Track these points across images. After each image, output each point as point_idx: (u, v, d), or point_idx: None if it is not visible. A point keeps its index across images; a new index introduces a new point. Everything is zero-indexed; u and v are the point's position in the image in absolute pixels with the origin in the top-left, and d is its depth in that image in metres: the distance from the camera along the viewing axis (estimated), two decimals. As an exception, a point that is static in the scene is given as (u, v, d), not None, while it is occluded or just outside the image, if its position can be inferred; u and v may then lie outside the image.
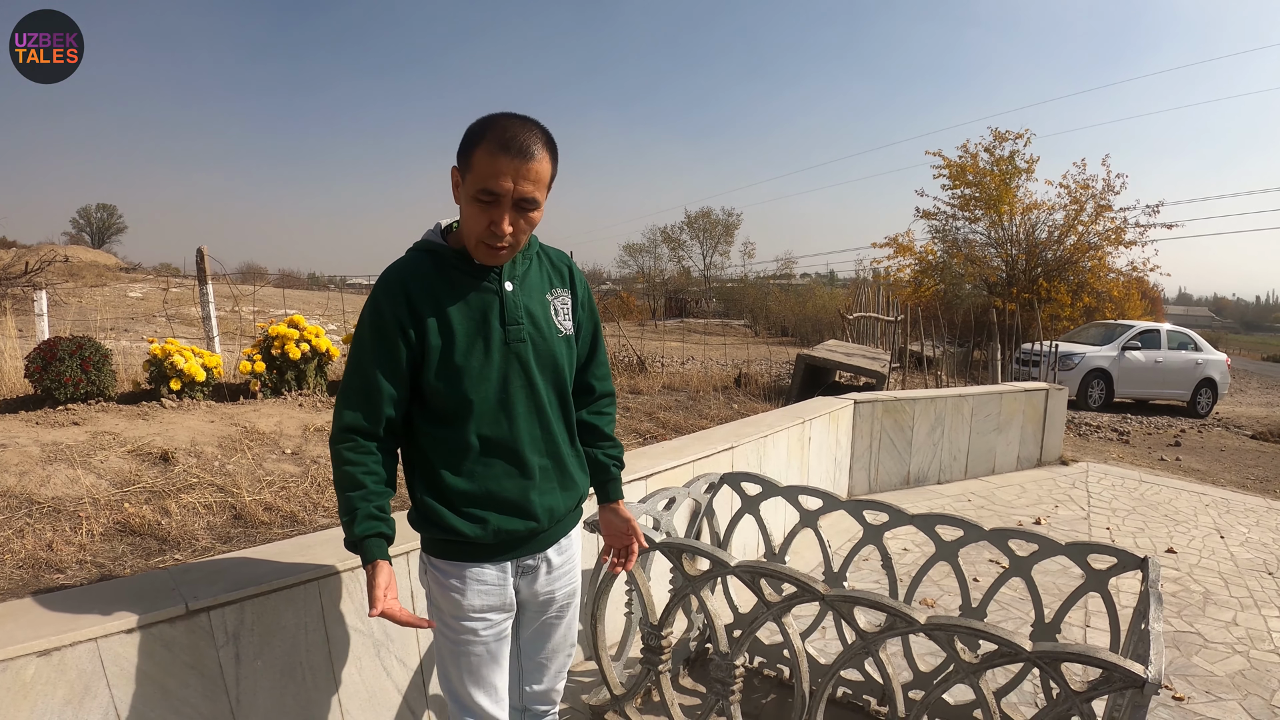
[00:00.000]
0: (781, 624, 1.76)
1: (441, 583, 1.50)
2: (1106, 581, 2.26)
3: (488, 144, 1.33)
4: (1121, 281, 18.19)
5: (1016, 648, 1.52)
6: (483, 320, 1.44)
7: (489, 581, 1.50)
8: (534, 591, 1.58)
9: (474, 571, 1.49)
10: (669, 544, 1.91)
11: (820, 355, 7.85)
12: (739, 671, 1.83)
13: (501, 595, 1.53)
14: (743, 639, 1.82)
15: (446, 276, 1.44)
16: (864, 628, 1.67)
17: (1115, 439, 8.94)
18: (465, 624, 1.50)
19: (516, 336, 1.46)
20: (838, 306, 18.52)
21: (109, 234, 55.02)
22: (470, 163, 1.34)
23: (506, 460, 1.48)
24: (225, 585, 1.81)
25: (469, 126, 1.38)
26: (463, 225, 1.42)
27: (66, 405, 3.58)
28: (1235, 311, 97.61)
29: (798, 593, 1.71)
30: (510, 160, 1.33)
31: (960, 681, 1.62)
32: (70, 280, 14.42)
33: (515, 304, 1.48)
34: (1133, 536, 4.70)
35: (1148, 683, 1.40)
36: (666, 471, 3.22)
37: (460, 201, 1.40)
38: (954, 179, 18.88)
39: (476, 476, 1.46)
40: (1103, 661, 1.46)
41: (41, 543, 2.39)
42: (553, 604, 1.62)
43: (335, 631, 2.00)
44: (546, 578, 1.59)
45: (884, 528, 2.49)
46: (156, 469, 3.00)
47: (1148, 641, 1.57)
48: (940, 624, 1.57)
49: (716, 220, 48.64)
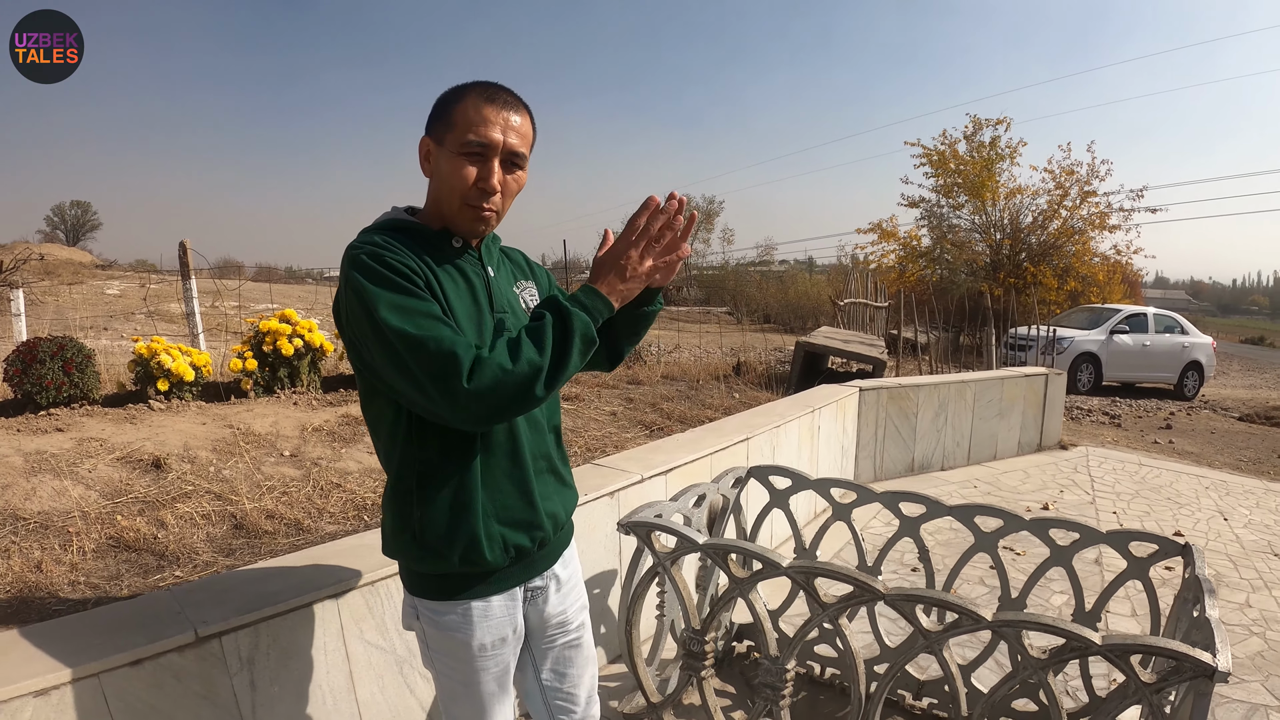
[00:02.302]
0: (838, 625, 1.67)
1: (439, 625, 1.30)
2: (1148, 569, 2.24)
3: (473, 98, 1.23)
4: (1105, 265, 18.34)
5: (1087, 641, 1.47)
6: (474, 304, 1.27)
7: (495, 615, 1.31)
8: (545, 616, 1.41)
9: (478, 606, 1.29)
10: (714, 545, 1.80)
11: (820, 343, 7.78)
12: (790, 675, 1.73)
13: (511, 624, 1.35)
14: (795, 642, 1.72)
15: (432, 255, 1.24)
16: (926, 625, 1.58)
17: (1107, 422, 8.97)
18: (472, 664, 1.32)
19: (508, 325, 1.29)
20: (829, 294, 18.48)
21: (84, 231, 54.15)
22: (452, 119, 1.22)
23: (512, 464, 1.30)
24: (236, 606, 1.67)
25: (440, 96, 1.27)
26: (442, 190, 1.26)
27: (49, 410, 3.41)
28: (1212, 295, 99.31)
29: (856, 592, 1.62)
30: (499, 111, 1.23)
31: (1028, 679, 1.56)
32: (46, 279, 14.00)
33: (499, 290, 1.33)
34: (1139, 520, 4.67)
35: (1217, 671, 1.37)
36: (685, 465, 3.13)
37: (436, 167, 1.25)
38: (935, 167, 18.92)
39: (482, 484, 1.26)
40: (1174, 652, 1.42)
41: (30, 563, 2.23)
42: (567, 625, 1.45)
43: (355, 649, 1.88)
44: (557, 596, 1.42)
45: (920, 520, 2.41)
46: (149, 477, 2.85)
47: (1207, 629, 1.53)
48: (1008, 620, 1.50)
49: (696, 208, 48.44)
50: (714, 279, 37.36)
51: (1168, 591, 2.73)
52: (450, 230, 1.28)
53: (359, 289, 1.13)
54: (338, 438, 3.49)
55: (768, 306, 26.06)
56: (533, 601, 1.38)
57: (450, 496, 1.24)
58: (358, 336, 1.18)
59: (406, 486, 1.26)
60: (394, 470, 1.27)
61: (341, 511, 2.77)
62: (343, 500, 2.85)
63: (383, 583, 1.91)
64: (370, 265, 1.14)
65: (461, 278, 1.27)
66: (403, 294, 1.13)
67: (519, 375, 1.11)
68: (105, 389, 3.93)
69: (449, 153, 1.22)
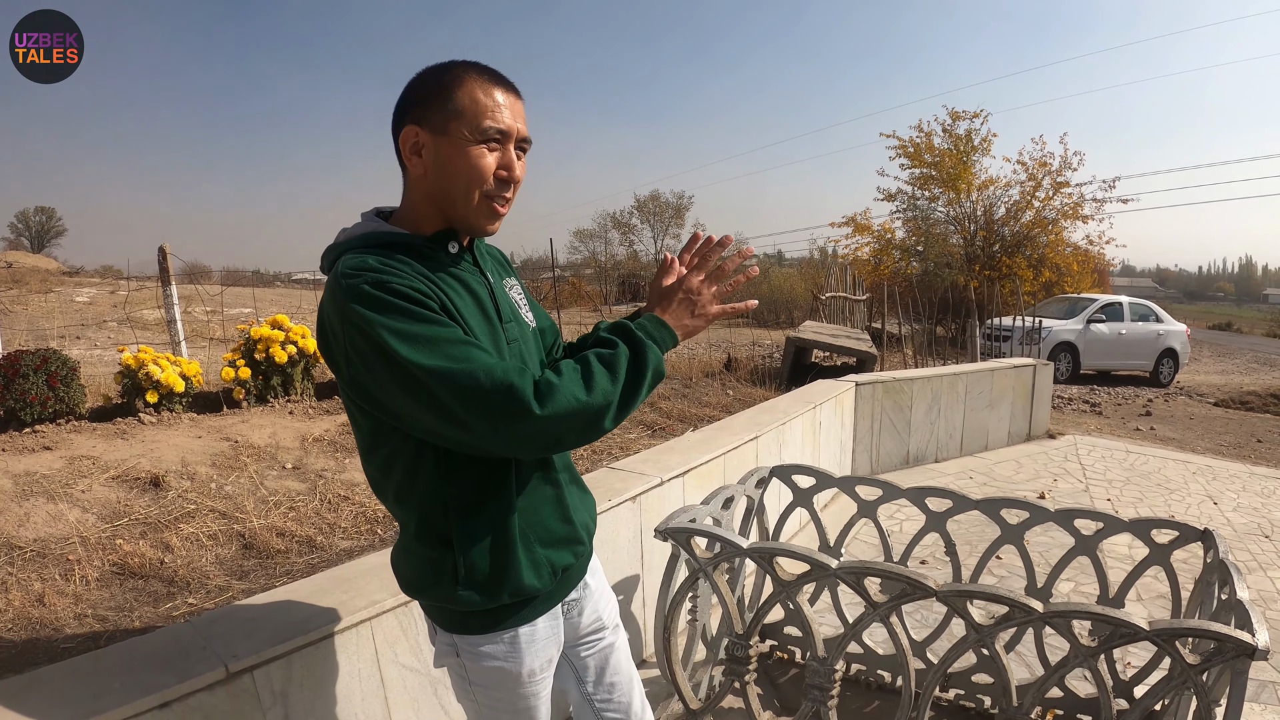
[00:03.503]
0: (889, 623, 1.66)
1: (483, 658, 1.20)
2: (1169, 555, 2.29)
3: (477, 79, 1.10)
4: (1079, 255, 18.65)
5: (1136, 628, 1.52)
6: (485, 318, 1.16)
7: (541, 638, 1.24)
8: (581, 625, 1.35)
9: (525, 633, 1.21)
10: (760, 548, 1.77)
11: (809, 338, 7.81)
12: (837, 676, 1.71)
13: (556, 643, 1.29)
14: (843, 642, 1.70)
15: (433, 269, 1.11)
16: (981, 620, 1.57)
17: (1089, 410, 9.11)
18: (521, 691, 1.24)
19: (512, 335, 1.20)
20: (803, 288, 18.58)
21: (49, 237, 52.71)
22: (457, 105, 1.08)
23: (542, 481, 1.22)
24: (266, 638, 1.57)
25: (422, 78, 1.12)
26: (452, 185, 1.11)
27: (34, 427, 3.27)
28: (1178, 282, 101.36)
29: (907, 590, 1.60)
30: (507, 93, 1.12)
31: (1079, 666, 1.59)
32: (15, 287, 13.56)
33: (503, 298, 1.23)
34: (1133, 506, 4.74)
35: (1258, 650, 1.42)
36: (700, 466, 3.09)
37: (438, 160, 1.10)
38: (911, 158, 19.08)
39: (520, 510, 1.17)
40: (1217, 634, 1.47)
41: (31, 597, 2.09)
42: (603, 628, 1.39)
43: (390, 674, 1.81)
44: (591, 604, 1.36)
45: (947, 514, 2.43)
46: (147, 496, 2.74)
47: (1242, 610, 1.59)
48: (1060, 611, 1.53)
49: (666, 203, 48.61)
50: (686, 274, 37.40)
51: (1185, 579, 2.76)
52: (450, 231, 1.16)
53: (364, 325, 0.99)
54: (339, 448, 3.39)
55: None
56: (569, 615, 1.33)
57: (491, 532, 1.15)
58: (363, 376, 1.04)
59: (438, 529, 1.15)
60: (417, 512, 1.15)
61: (354, 525, 2.68)
62: (353, 513, 2.77)
63: (414, 604, 1.84)
64: (375, 296, 1.00)
65: (466, 290, 1.15)
66: (422, 323, 1.00)
67: (594, 407, 1.04)
68: (91, 402, 3.79)
69: (458, 141, 1.09)
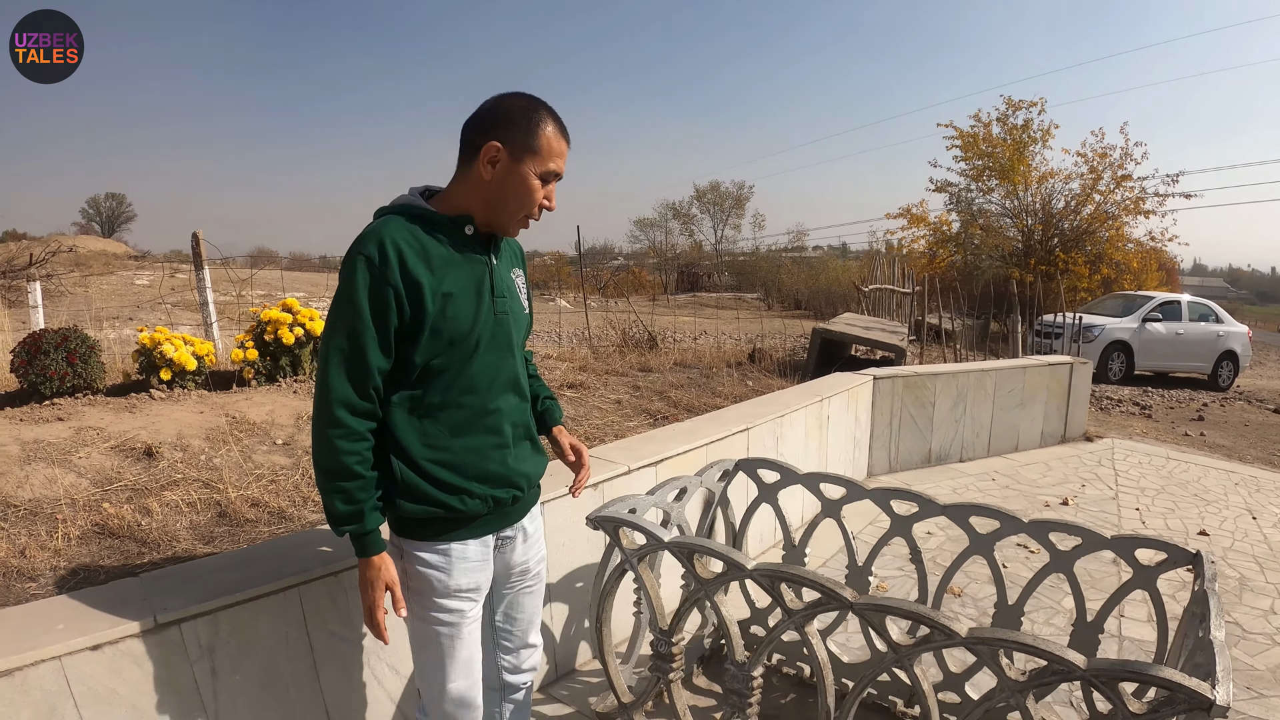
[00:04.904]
0: (804, 632, 1.58)
1: (420, 564, 1.45)
2: (1155, 579, 2.05)
3: (552, 127, 1.41)
4: (1140, 252, 17.80)
5: (1069, 665, 1.34)
6: (476, 290, 1.43)
7: (473, 558, 1.48)
8: (509, 563, 1.59)
9: (457, 549, 1.46)
10: (679, 543, 1.74)
11: (837, 329, 7.62)
12: (757, 682, 1.66)
13: (485, 570, 1.52)
14: (761, 648, 1.65)
15: (440, 243, 1.40)
16: (897, 638, 1.49)
17: (1137, 413, 8.70)
18: (451, 604, 1.47)
19: (502, 309, 1.47)
20: (852, 279, 18.16)
21: (119, 223, 55.04)
22: (538, 144, 1.38)
23: (491, 430, 1.48)
24: (198, 594, 1.68)
25: (510, 109, 1.40)
26: (506, 198, 1.41)
27: (53, 400, 3.44)
28: (1250, 282, 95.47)
29: (822, 600, 1.53)
30: (565, 144, 1.43)
31: (1004, 701, 1.44)
32: (76, 270, 14.33)
33: (501, 277, 1.49)
34: (1163, 518, 4.50)
35: (1214, 704, 1.22)
36: (677, 457, 3.05)
37: (504, 176, 1.39)
38: (966, 149, 18.49)
39: (465, 448, 1.44)
40: (1166, 681, 1.28)
41: (15, 549, 2.24)
42: (528, 573, 1.63)
43: (319, 640, 1.86)
44: (523, 547, 1.60)
45: (913, 519, 2.30)
46: (140, 465, 2.86)
47: (1210, 653, 1.37)
48: (983, 638, 1.39)
49: (726, 193, 48.15)
50: (745, 265, 37.00)
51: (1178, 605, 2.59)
52: (471, 220, 1.43)
53: (335, 296, 1.35)
54: (334, 427, 3.47)
55: (798, 292, 25.75)
56: (501, 549, 1.55)
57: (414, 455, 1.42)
58: None
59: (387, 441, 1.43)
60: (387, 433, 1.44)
61: (327, 501, 2.75)
62: (330, 490, 2.83)
63: (346, 574, 1.88)
64: (364, 262, 1.32)
65: (467, 264, 1.42)
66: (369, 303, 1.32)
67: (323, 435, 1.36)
68: (113, 379, 3.97)
69: (525, 170, 1.39)
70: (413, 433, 1.41)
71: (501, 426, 1.49)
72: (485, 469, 1.46)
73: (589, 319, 8.59)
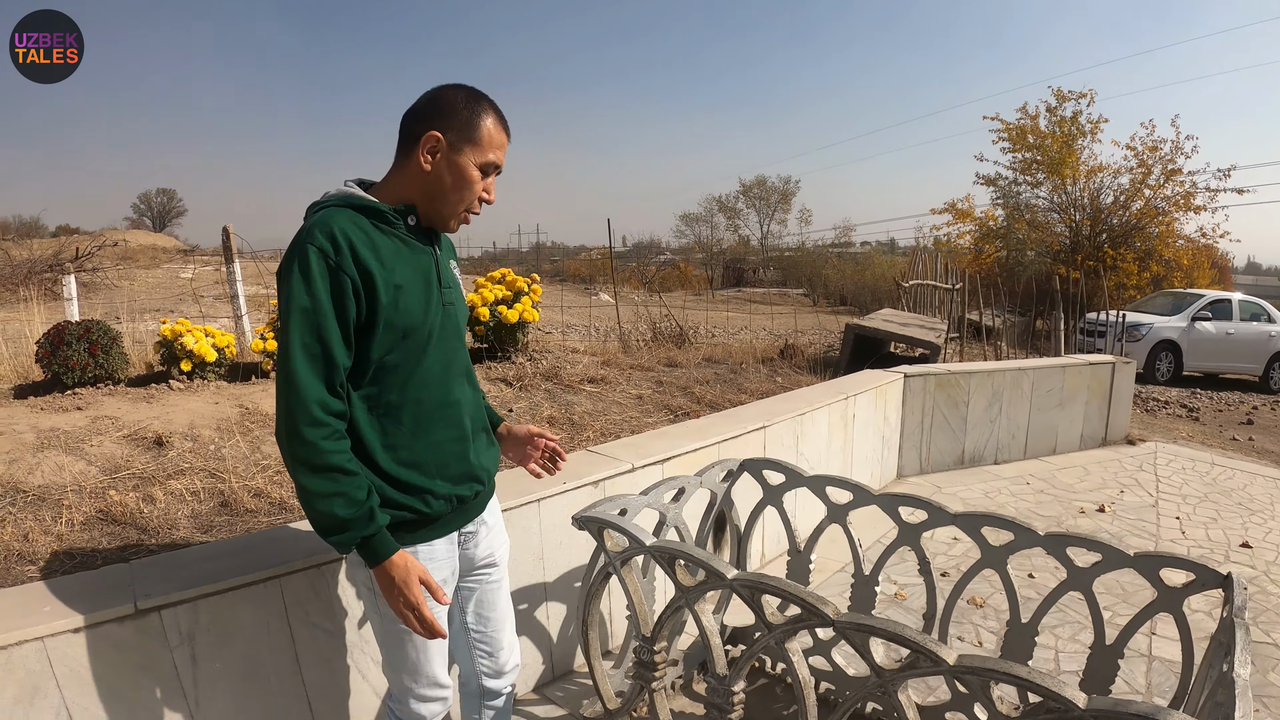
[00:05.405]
0: (784, 649, 1.49)
1: None
2: (1181, 601, 1.86)
3: (494, 118, 1.38)
4: (1190, 249, 17.08)
5: (1068, 703, 1.20)
6: (425, 282, 1.40)
7: (440, 556, 1.47)
8: (474, 556, 1.57)
9: (424, 550, 1.43)
10: (660, 547, 1.66)
11: (870, 325, 7.44)
12: (738, 697, 1.58)
13: (452, 562, 1.51)
14: (741, 662, 1.56)
15: (385, 235, 1.36)
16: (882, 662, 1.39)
17: (1184, 415, 8.33)
18: None
19: (449, 299, 1.46)
20: (893, 274, 17.77)
21: (170, 218, 56.40)
22: (478, 135, 1.36)
23: (451, 424, 1.46)
24: (180, 582, 1.70)
25: (453, 100, 1.37)
26: (446, 190, 1.38)
27: (74, 390, 3.51)
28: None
29: (804, 615, 1.44)
30: (506, 136, 1.41)
31: None
32: (123, 263, 14.78)
33: (445, 267, 1.47)
34: (1204, 528, 4.26)
35: None
36: (686, 455, 2.97)
37: (443, 168, 1.36)
38: (1014, 142, 17.94)
39: (428, 445, 1.42)
40: None
41: (19, 533, 2.28)
42: (494, 566, 1.62)
43: (301, 632, 1.85)
44: (486, 540, 1.59)
45: (921, 527, 2.16)
46: (149, 454, 2.89)
47: (1231, 693, 1.24)
48: (973, 668, 1.27)
49: (772, 188, 47.64)
50: (791, 260, 36.61)
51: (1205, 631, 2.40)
52: (414, 210, 1.39)
53: (289, 291, 1.27)
54: (346, 419, 3.47)
55: (844, 288, 25.36)
56: (465, 545, 1.54)
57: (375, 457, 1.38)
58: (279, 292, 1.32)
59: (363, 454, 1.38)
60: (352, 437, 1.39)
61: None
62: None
63: (328, 565, 1.86)
64: (316, 255, 1.26)
65: (414, 256, 1.39)
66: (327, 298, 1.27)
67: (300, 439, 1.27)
68: (137, 370, 4.05)
69: (465, 162, 1.36)
70: (373, 433, 1.37)
71: (462, 419, 1.48)
72: (448, 466, 1.44)
73: (619, 313, 8.53)
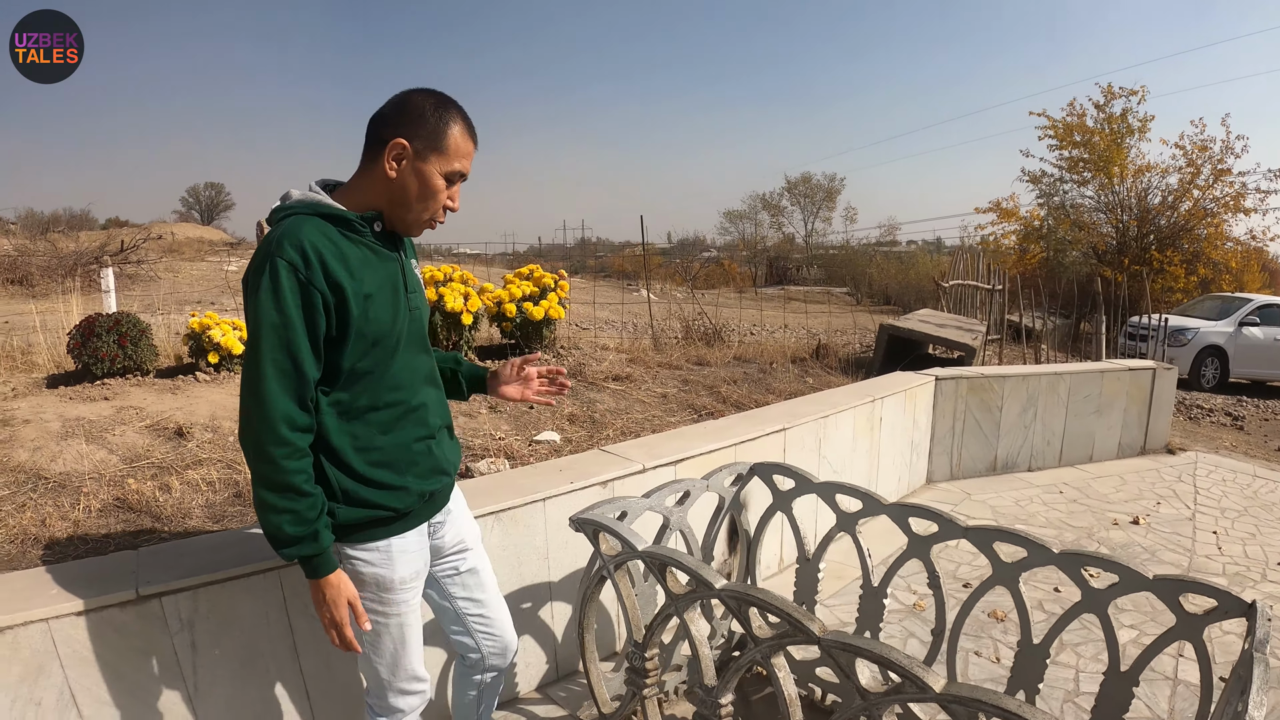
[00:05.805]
0: (770, 665, 1.45)
1: (361, 565, 1.46)
2: (1201, 630, 1.74)
3: (462, 127, 1.38)
4: (1239, 252, 16.44)
5: None
6: (393, 289, 1.42)
7: (411, 548, 1.50)
8: (443, 544, 1.62)
9: (397, 543, 1.47)
10: (652, 553, 1.63)
11: (904, 326, 7.27)
12: (725, 710, 1.54)
13: (423, 557, 1.55)
14: (729, 675, 1.53)
15: (353, 243, 1.36)
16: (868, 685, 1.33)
17: (1229, 424, 8.01)
18: (396, 597, 1.49)
19: (415, 304, 1.48)
20: (933, 274, 17.40)
21: (217, 211, 57.51)
22: (445, 144, 1.35)
23: (418, 425, 1.49)
24: (182, 570, 1.75)
25: (421, 107, 1.35)
26: (410, 198, 1.38)
27: (103, 380, 3.60)
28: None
29: (789, 631, 1.39)
30: (473, 144, 1.41)
31: None
32: (168, 256, 15.19)
33: (410, 272, 1.49)
34: (1242, 543, 4.07)
35: None
36: (700, 457, 2.91)
37: (409, 175, 1.36)
38: (1060, 139, 17.45)
39: (396, 444, 1.45)
40: None
41: (37, 518, 2.34)
42: (468, 549, 1.67)
43: (299, 623, 1.88)
44: (454, 526, 1.64)
45: (932, 540, 2.09)
46: (170, 444, 2.94)
47: None
48: (959, 697, 1.20)
49: (817, 185, 47.19)
50: (835, 259, 36.21)
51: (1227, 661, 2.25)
52: (380, 217, 1.39)
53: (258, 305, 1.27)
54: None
55: (888, 287, 24.96)
56: (434, 535, 1.59)
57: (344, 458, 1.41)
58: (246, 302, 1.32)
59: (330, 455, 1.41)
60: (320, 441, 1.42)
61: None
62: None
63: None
64: (286, 267, 1.26)
65: (381, 264, 1.40)
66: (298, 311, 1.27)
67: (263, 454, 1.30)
68: (166, 361, 4.14)
69: (431, 170, 1.35)
70: (345, 438, 1.39)
71: (428, 419, 1.52)
72: (417, 463, 1.48)
73: (652, 310, 8.48)
